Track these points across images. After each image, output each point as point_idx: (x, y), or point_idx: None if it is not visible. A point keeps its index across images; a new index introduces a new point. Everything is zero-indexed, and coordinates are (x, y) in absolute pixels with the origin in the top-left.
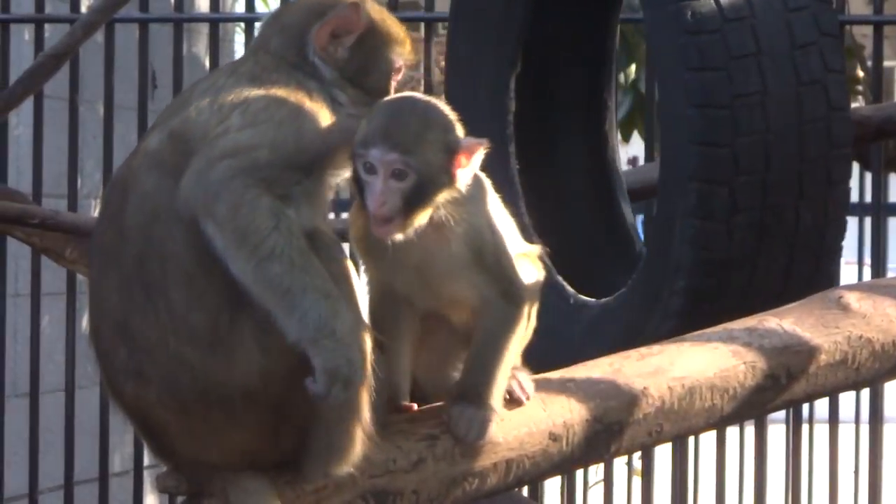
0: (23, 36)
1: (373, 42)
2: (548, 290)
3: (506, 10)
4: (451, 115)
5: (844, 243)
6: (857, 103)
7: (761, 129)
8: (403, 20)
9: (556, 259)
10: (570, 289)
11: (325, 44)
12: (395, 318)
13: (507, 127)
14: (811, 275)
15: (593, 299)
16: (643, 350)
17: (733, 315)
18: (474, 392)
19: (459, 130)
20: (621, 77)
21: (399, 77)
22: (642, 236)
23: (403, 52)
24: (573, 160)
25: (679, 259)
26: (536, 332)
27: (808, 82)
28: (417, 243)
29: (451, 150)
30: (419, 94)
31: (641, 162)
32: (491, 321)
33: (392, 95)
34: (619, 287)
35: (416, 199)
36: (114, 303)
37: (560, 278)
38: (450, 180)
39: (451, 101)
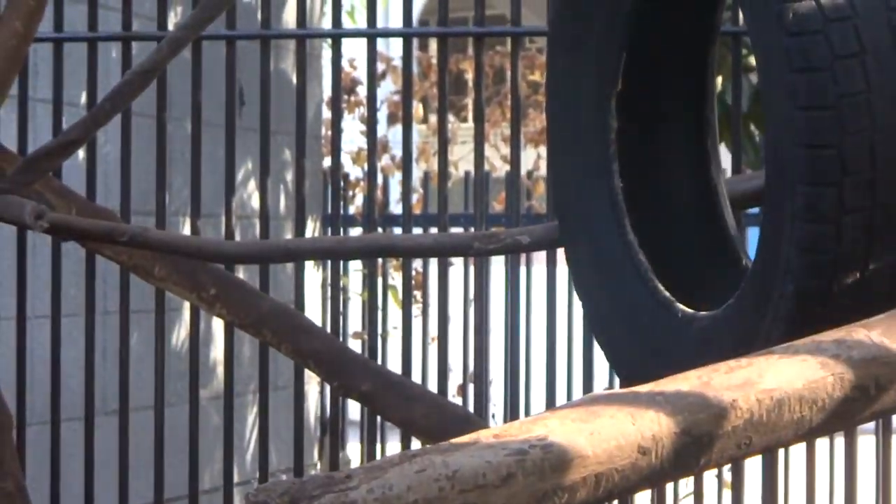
0: (110, 54)
1: None
2: (655, 307)
3: (607, 26)
4: None
5: None
6: None
7: (867, 129)
8: (490, 35)
9: (662, 276)
10: (677, 304)
11: None
12: None
13: (610, 146)
14: None
15: (702, 312)
16: (731, 363)
17: (845, 319)
18: None
19: None
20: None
21: None
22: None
23: None
24: (677, 178)
25: (788, 263)
26: (644, 350)
27: None
28: None
29: None
30: None
31: (729, 174)
32: None
33: None
34: (727, 300)
35: None
36: None
37: (667, 294)
38: None
39: (551, 119)
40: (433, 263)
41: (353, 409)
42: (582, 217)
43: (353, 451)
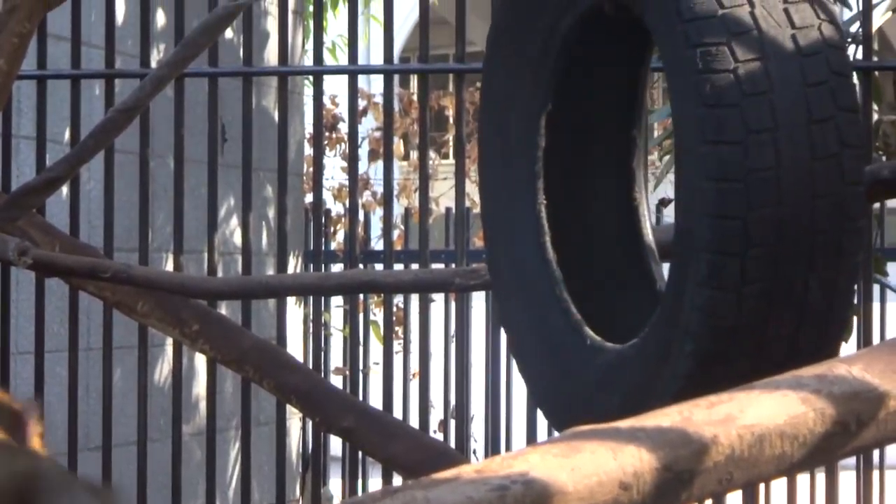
0: (93, 91)
1: None
2: (567, 329)
3: (541, 48)
4: None
5: None
6: None
7: (774, 203)
8: (471, 71)
9: (578, 298)
10: (587, 330)
11: None
12: None
13: (536, 163)
14: (817, 345)
15: (610, 344)
16: (713, 398)
17: (740, 380)
18: None
19: None
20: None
21: None
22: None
23: None
24: (599, 197)
25: (688, 324)
26: (551, 371)
27: (822, 157)
28: None
29: None
30: None
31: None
32: None
33: None
34: (637, 331)
35: None
36: None
37: (579, 317)
38: None
39: (482, 138)
40: (414, 299)
41: (335, 444)
42: (506, 235)
43: (335, 486)
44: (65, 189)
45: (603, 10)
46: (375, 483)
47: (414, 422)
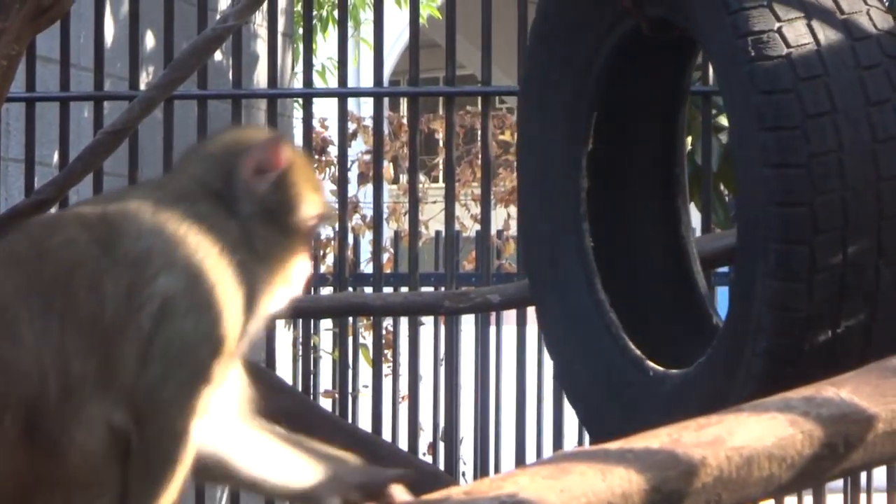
0: (82, 113)
1: (292, 182)
2: (627, 366)
3: (577, 86)
4: None
5: None
6: None
7: (838, 187)
8: (461, 94)
9: (633, 333)
10: (648, 362)
11: (250, 176)
12: None
13: (581, 205)
14: (893, 333)
15: (674, 370)
16: (701, 420)
17: (816, 377)
18: None
19: None
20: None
21: (315, 223)
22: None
23: (319, 200)
24: (646, 236)
25: (759, 320)
26: (616, 407)
27: (883, 139)
28: None
29: None
30: None
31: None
32: None
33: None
34: (697, 359)
35: None
36: (5, 291)
37: (638, 352)
38: None
39: (523, 180)
40: (404, 322)
41: None
42: (553, 276)
43: None
44: (53, 211)
45: (639, 33)
46: None
47: (403, 444)
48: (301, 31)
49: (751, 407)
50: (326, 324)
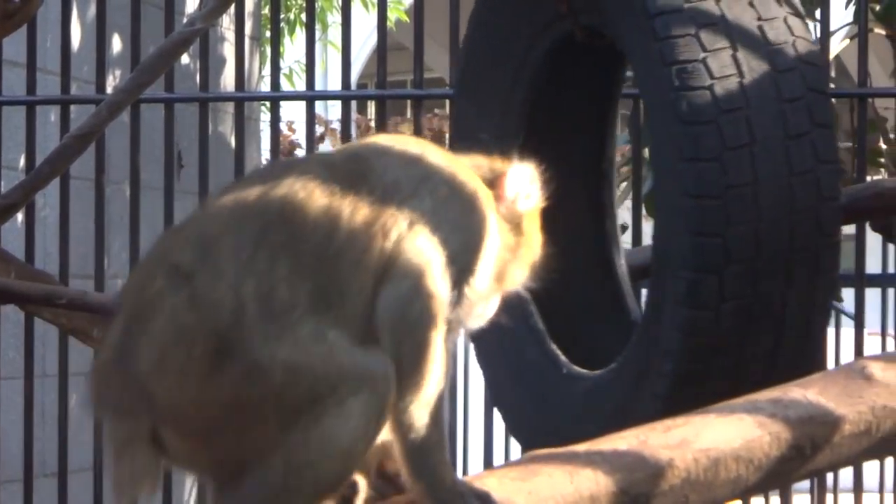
0: (49, 117)
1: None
2: (541, 360)
3: (510, 83)
4: None
5: (868, 314)
6: (880, 175)
7: (752, 219)
8: (429, 97)
9: (553, 329)
10: (563, 359)
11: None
12: None
13: None
14: (796, 360)
15: (587, 371)
16: (668, 422)
17: (719, 399)
18: None
19: None
20: (646, 152)
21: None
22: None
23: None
24: (573, 230)
25: (667, 343)
26: (528, 401)
27: (799, 172)
28: None
29: None
30: None
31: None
32: None
33: None
34: (614, 359)
35: None
36: (219, 223)
37: (554, 347)
38: None
39: None
40: None
41: None
42: None
43: None
44: (20, 215)
45: (573, 40)
46: None
47: None
48: (268, 34)
49: (718, 408)
50: None
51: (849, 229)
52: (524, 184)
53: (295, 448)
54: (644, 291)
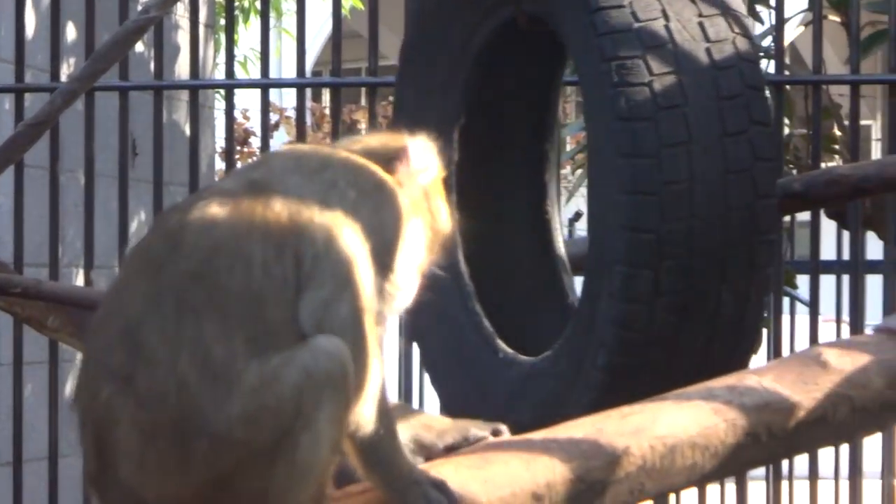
0: (3, 105)
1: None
2: (479, 342)
3: (452, 63)
4: None
5: (823, 301)
6: (835, 162)
7: (687, 216)
8: (383, 85)
9: (490, 311)
10: (500, 343)
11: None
12: None
13: (450, 178)
14: (730, 355)
15: (522, 357)
16: (625, 409)
17: (652, 391)
18: None
19: None
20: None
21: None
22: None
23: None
24: (512, 211)
25: (602, 336)
26: (464, 383)
27: (735, 170)
28: None
29: None
30: None
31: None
32: None
33: None
34: (550, 344)
35: None
36: (136, 307)
37: (491, 331)
38: None
39: None
40: None
41: None
42: None
43: None
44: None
45: (516, 25)
46: None
47: None
48: (223, 21)
49: (674, 396)
50: None
51: (804, 216)
52: (422, 158)
53: (282, 483)
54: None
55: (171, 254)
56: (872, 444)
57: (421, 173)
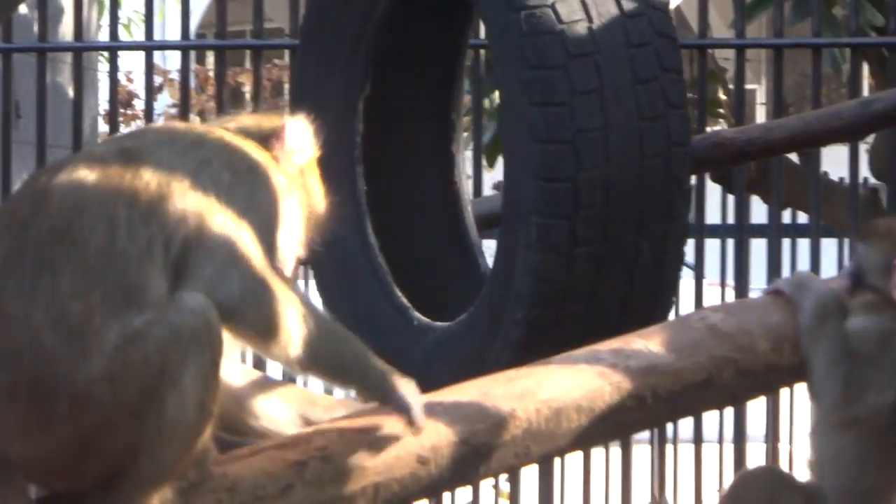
0: None
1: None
2: (392, 312)
3: (355, 32)
4: None
5: (708, 264)
6: (720, 126)
7: (602, 164)
8: (268, 47)
9: (402, 281)
10: (413, 311)
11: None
12: None
13: (356, 149)
14: (649, 306)
15: (437, 323)
16: (511, 373)
17: (572, 345)
18: None
19: None
20: (486, 102)
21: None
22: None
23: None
24: (420, 181)
25: (519, 290)
26: (382, 353)
27: (649, 117)
28: None
29: None
30: None
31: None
32: None
33: None
34: (463, 310)
35: None
36: None
37: (405, 300)
38: None
39: None
40: None
41: None
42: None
43: None
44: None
45: None
46: None
47: None
48: None
49: (560, 359)
50: None
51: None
52: (298, 137)
53: (151, 441)
54: (490, 242)
55: (35, 213)
56: (757, 408)
57: (297, 153)
